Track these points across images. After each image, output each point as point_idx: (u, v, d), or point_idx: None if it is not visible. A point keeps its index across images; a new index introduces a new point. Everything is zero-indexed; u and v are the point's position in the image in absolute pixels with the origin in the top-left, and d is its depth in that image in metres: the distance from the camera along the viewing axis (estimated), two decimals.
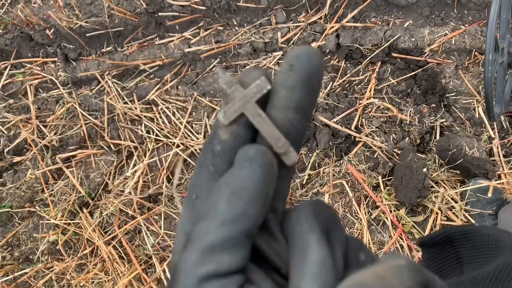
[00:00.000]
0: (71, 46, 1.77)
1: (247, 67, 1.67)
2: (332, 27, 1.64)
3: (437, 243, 0.42)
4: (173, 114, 1.65)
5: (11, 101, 1.77)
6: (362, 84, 1.61)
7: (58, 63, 1.77)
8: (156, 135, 1.62)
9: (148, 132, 1.64)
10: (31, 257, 1.58)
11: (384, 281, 0.23)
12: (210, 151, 0.28)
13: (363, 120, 1.54)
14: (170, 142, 1.60)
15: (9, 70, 1.78)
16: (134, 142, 1.63)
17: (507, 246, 0.36)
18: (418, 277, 0.25)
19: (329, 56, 1.65)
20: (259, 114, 0.29)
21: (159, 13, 1.71)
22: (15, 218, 1.63)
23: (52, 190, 1.62)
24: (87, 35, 1.74)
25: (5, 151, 1.70)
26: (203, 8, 1.69)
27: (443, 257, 0.41)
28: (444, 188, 1.44)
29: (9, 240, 1.61)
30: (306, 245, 0.26)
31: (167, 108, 1.65)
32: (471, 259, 0.39)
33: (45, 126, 1.71)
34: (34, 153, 1.67)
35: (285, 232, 0.28)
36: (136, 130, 1.64)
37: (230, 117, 0.29)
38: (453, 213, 1.41)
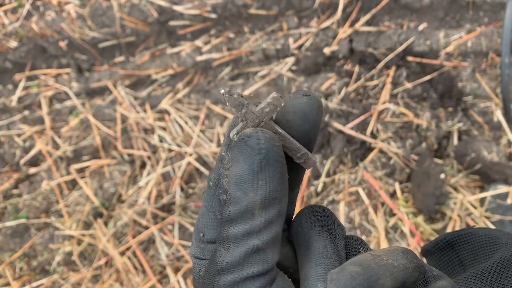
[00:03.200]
0: (83, 57, 1.78)
1: (258, 73, 1.65)
2: (345, 31, 1.62)
3: (439, 249, 0.43)
4: (186, 122, 1.64)
5: (26, 112, 1.79)
6: (376, 89, 1.58)
7: (71, 74, 1.78)
8: (169, 144, 1.61)
9: (161, 141, 1.64)
10: (47, 267, 1.59)
11: (379, 258, 0.24)
12: (217, 199, 0.29)
13: (379, 125, 1.52)
14: (183, 150, 1.59)
15: (24, 82, 1.80)
16: (147, 152, 1.63)
17: (503, 243, 0.38)
18: (412, 259, 0.26)
19: (342, 61, 1.63)
20: (276, 130, 0.29)
21: (170, 22, 1.71)
22: (31, 229, 1.64)
23: (67, 200, 1.63)
24: (99, 45, 1.75)
25: (21, 162, 1.71)
26: (214, 16, 1.69)
27: (447, 262, 0.42)
28: (463, 194, 1.41)
29: (26, 250, 1.61)
30: (308, 239, 0.28)
31: (180, 116, 1.65)
32: (472, 260, 0.39)
33: (59, 137, 1.72)
34: (49, 164, 1.68)
35: (291, 237, 0.31)
36: (148, 139, 1.64)
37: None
38: (473, 220, 1.37)
